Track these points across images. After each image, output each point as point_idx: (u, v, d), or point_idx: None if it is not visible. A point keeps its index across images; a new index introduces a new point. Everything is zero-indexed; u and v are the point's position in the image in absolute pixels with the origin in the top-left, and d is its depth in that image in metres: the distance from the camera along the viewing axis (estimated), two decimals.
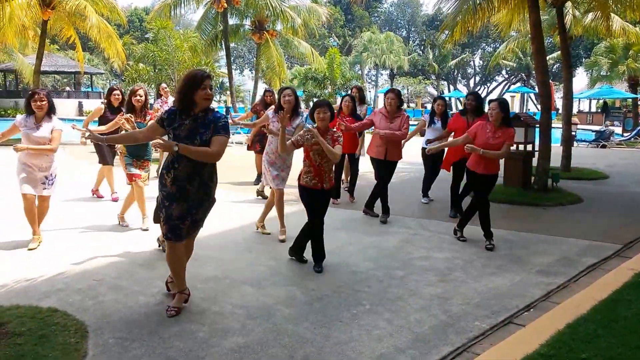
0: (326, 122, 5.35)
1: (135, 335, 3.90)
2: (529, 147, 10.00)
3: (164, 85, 9.77)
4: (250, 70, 61.63)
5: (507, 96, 50.73)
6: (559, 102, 31.21)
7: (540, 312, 4.47)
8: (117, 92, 8.62)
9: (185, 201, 4.11)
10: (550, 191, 9.66)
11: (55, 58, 37.13)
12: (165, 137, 4.09)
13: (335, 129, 5.54)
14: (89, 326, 4.01)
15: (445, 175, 8.51)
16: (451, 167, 8.09)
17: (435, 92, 58.98)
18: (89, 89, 43.50)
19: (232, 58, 28.39)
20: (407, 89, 57.30)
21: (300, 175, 5.50)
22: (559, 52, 15.23)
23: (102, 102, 8.81)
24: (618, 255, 6.16)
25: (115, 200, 8.60)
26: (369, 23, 60.72)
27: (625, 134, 24.67)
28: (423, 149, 8.77)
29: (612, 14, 14.00)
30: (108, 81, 54.60)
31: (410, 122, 7.71)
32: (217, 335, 3.93)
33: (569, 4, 15.01)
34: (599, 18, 13.48)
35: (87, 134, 4.93)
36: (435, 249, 6.26)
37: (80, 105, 37.20)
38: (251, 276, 5.19)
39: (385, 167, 7.48)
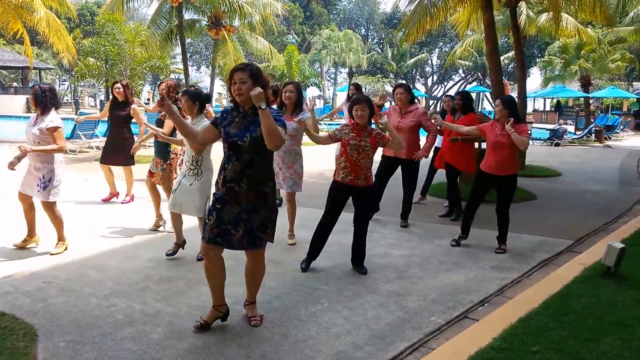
0: (365, 120, 5.14)
1: (87, 338, 3.80)
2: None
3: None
4: (207, 67, 60.88)
5: None
6: None
7: (494, 306, 4.56)
8: (118, 85, 8.28)
9: (238, 204, 3.81)
10: None
11: (2, 52, 35.71)
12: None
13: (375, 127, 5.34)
14: (39, 329, 3.88)
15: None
16: (444, 168, 7.92)
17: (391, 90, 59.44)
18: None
19: (189, 54, 28.01)
20: (366, 88, 57.65)
21: (335, 172, 5.39)
22: (514, 51, 15.56)
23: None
24: (569, 250, 6.33)
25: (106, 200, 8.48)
26: (328, 20, 60.74)
27: (577, 132, 25.46)
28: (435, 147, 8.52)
29: (566, 15, 14.40)
30: (57, 77, 52.89)
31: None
32: (172, 337, 3.85)
33: (522, 4, 15.37)
34: (552, 19, 13.84)
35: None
36: (394, 246, 6.31)
37: (28, 101, 35.88)
38: None
39: (386, 165, 7.29)
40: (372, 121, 5.33)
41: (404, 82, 8.66)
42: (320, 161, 12.02)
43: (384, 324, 4.17)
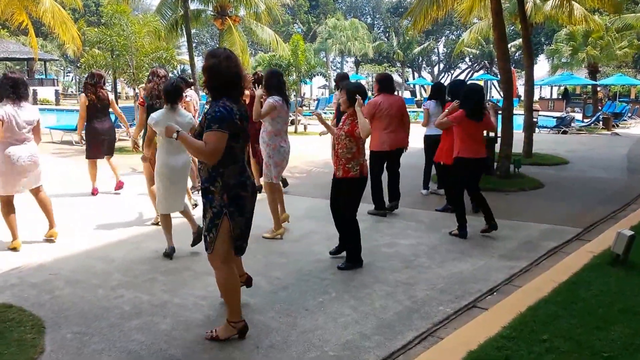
0: (342, 106, 5.21)
1: (95, 329, 3.80)
2: (491, 134, 10.11)
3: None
4: None
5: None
6: (521, 89, 31.74)
7: (503, 295, 4.53)
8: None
9: None
10: (512, 177, 9.79)
11: (6, 44, 35.49)
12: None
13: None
14: (46, 321, 3.89)
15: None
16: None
17: (400, 80, 59.32)
18: (43, 76, 41.97)
19: (194, 44, 27.85)
20: (372, 77, 57.45)
21: None
22: (521, 39, 15.43)
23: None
24: (578, 238, 6.28)
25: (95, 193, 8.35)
26: (334, 9, 60.44)
27: (585, 120, 25.22)
28: (426, 136, 8.51)
29: (573, 2, 14.25)
30: (62, 68, 52.84)
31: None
32: (179, 328, 3.85)
33: None
34: (559, 5, 13.71)
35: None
36: (400, 236, 6.28)
37: (34, 93, 35.82)
38: None
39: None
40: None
41: (386, 72, 8.65)
42: (327, 150, 11.96)
43: (392, 313, 4.15)
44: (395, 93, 8.02)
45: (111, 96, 8.38)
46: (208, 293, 4.45)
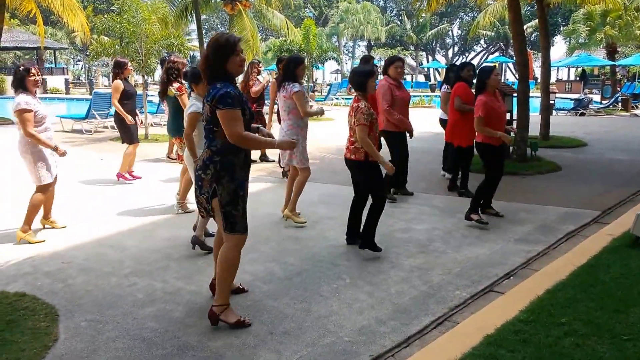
0: None
1: (108, 317, 3.80)
2: (507, 116, 9.96)
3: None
4: None
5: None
6: (537, 71, 31.30)
7: (520, 279, 4.47)
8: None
9: None
10: (529, 160, 9.67)
11: (16, 33, 35.31)
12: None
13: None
14: (60, 309, 3.89)
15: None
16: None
17: (413, 63, 58.77)
18: (52, 65, 42.01)
19: (204, 30, 27.74)
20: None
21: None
22: (537, 20, 15.16)
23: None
24: (596, 221, 6.18)
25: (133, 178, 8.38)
26: None
27: (603, 102, 24.85)
28: (441, 120, 8.44)
29: None
30: (72, 56, 52.81)
31: None
32: (193, 315, 3.84)
33: None
34: None
35: None
36: (415, 221, 6.22)
37: (44, 82, 36.04)
38: None
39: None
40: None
41: (392, 55, 8.32)
42: (338, 136, 11.89)
43: (408, 298, 4.10)
44: (410, 77, 7.79)
45: (117, 85, 8.25)
46: None
